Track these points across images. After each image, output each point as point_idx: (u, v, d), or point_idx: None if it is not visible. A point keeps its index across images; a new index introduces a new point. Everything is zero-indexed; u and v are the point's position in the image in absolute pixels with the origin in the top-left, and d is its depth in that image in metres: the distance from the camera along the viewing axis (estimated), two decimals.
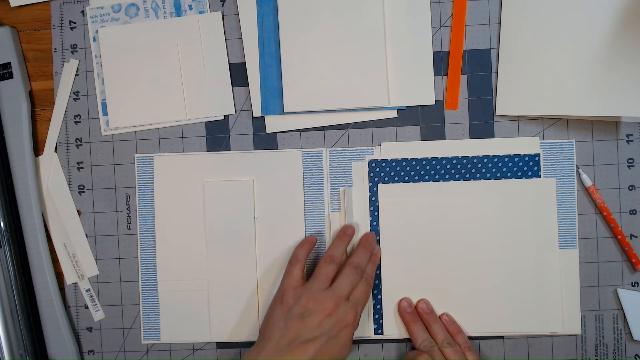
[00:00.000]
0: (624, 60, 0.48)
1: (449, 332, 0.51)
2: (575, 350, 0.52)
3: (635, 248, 0.52)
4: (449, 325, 0.51)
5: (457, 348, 0.49)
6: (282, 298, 0.48)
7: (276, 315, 0.47)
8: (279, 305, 0.48)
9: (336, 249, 0.50)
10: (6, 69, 0.53)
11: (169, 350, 0.54)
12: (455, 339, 0.50)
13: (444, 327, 0.51)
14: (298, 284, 0.49)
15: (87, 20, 0.54)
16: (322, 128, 0.53)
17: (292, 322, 0.46)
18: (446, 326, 0.51)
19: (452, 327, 0.51)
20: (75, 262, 0.55)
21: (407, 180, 0.52)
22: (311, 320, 0.46)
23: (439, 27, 0.52)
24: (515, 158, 0.52)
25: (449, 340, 0.50)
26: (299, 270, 0.49)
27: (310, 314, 0.46)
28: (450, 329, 0.51)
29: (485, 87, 0.52)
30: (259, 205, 0.53)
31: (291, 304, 0.47)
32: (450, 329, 0.51)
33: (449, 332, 0.51)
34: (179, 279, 0.54)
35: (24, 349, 0.52)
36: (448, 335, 0.50)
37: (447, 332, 0.51)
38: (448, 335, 0.50)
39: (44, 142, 0.55)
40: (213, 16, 0.53)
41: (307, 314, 0.46)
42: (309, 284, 0.48)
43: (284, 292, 0.48)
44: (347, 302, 0.47)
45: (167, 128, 0.54)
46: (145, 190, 0.54)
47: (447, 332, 0.51)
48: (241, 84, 0.54)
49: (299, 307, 0.46)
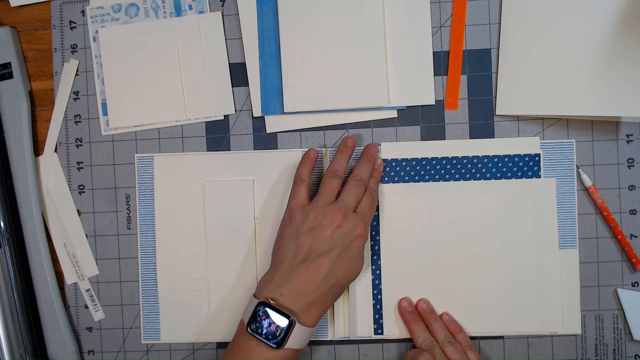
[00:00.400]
0: (624, 60, 0.48)
1: (449, 331, 0.51)
2: (575, 350, 0.52)
3: (635, 248, 0.52)
4: (449, 324, 0.51)
5: (458, 347, 0.49)
6: (291, 217, 0.48)
7: (287, 235, 0.48)
8: (288, 225, 0.48)
9: (338, 163, 0.50)
10: (6, 69, 0.53)
11: (169, 350, 0.54)
12: (456, 337, 0.50)
13: (445, 326, 0.51)
14: (304, 202, 0.49)
15: (87, 20, 0.54)
16: (322, 128, 0.53)
17: (303, 238, 0.46)
18: (447, 325, 0.51)
19: (453, 326, 0.51)
20: (75, 262, 0.55)
21: (407, 180, 0.52)
22: (322, 233, 0.46)
23: (439, 27, 0.52)
24: (515, 158, 0.52)
25: (450, 339, 0.50)
26: (304, 188, 0.49)
27: (320, 227, 0.46)
28: (450, 328, 0.51)
29: (485, 87, 0.52)
30: (259, 205, 0.53)
31: (300, 221, 0.47)
32: (451, 328, 0.51)
33: (449, 331, 0.51)
34: (179, 279, 0.54)
35: (24, 349, 0.52)
36: (449, 334, 0.50)
37: (447, 331, 0.51)
38: (449, 334, 0.50)
39: (44, 142, 0.55)
40: (213, 16, 0.53)
41: (317, 229, 0.46)
42: (315, 200, 0.48)
43: (291, 212, 0.48)
44: (355, 213, 0.47)
45: (167, 128, 0.54)
46: (145, 190, 0.54)
47: (447, 331, 0.51)
48: (241, 84, 0.54)
49: (308, 223, 0.47)
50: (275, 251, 0.49)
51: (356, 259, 0.47)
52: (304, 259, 0.46)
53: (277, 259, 0.47)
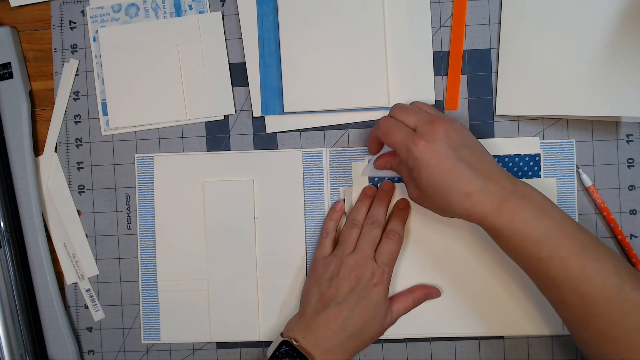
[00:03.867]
0: (624, 60, 0.48)
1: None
2: (575, 350, 0.52)
3: (635, 248, 0.52)
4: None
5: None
6: (315, 267, 0.50)
7: (310, 284, 0.50)
8: (311, 275, 0.50)
9: (357, 212, 0.51)
10: (6, 69, 0.53)
11: (169, 350, 0.54)
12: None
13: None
14: (328, 253, 0.50)
15: (87, 20, 0.54)
16: (322, 128, 0.53)
17: (324, 288, 0.48)
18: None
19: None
20: (75, 262, 0.55)
21: None
22: (341, 283, 0.47)
23: (439, 27, 0.52)
24: (515, 158, 0.52)
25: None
26: (329, 241, 0.51)
27: (339, 278, 0.48)
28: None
29: (485, 87, 0.52)
30: (259, 205, 0.53)
31: (321, 271, 0.49)
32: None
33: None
34: (179, 279, 0.54)
35: (24, 349, 0.52)
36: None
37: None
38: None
39: (44, 142, 0.55)
40: (213, 16, 0.53)
41: (337, 279, 0.48)
42: (336, 251, 0.50)
43: (315, 263, 0.51)
44: (373, 261, 0.48)
45: (167, 128, 0.54)
46: (145, 190, 0.54)
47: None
48: (241, 84, 0.54)
49: (328, 273, 0.49)
50: (302, 299, 0.51)
51: (375, 307, 0.48)
52: (324, 307, 0.47)
53: (303, 305, 0.50)
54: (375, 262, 0.48)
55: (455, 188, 0.42)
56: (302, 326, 0.48)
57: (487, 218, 0.42)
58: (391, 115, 0.47)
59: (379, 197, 0.51)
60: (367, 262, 0.48)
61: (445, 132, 0.43)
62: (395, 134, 0.44)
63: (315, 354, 0.46)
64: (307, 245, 0.53)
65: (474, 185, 0.42)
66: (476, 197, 0.42)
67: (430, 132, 0.43)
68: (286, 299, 0.53)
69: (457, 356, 0.53)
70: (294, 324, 0.49)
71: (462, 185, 0.42)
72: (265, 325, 0.53)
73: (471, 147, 0.44)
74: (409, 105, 0.48)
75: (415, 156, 0.43)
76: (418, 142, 0.43)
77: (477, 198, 0.42)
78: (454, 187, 0.42)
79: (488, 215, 0.42)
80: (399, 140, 0.44)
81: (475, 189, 0.42)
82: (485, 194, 0.42)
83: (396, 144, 0.44)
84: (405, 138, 0.44)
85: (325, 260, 0.50)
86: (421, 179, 0.43)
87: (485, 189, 0.42)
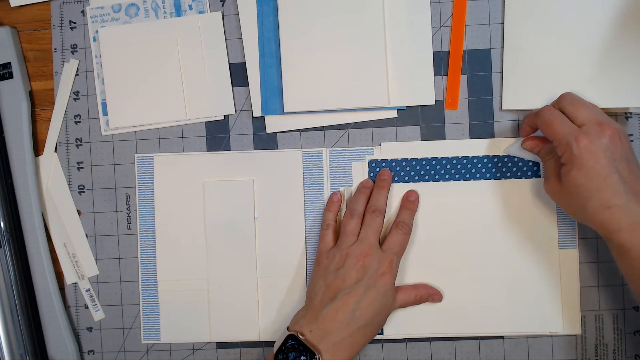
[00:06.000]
0: (631, 51, 0.49)
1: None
2: (575, 350, 0.52)
3: None
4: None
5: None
6: (319, 260, 0.50)
7: (316, 277, 0.49)
8: (316, 268, 0.50)
9: (356, 202, 0.51)
10: (6, 69, 0.53)
11: (169, 350, 0.54)
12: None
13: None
14: (331, 245, 0.50)
15: (87, 20, 0.54)
16: (322, 128, 0.53)
17: (330, 279, 0.48)
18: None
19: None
20: (75, 262, 0.55)
21: (407, 180, 0.52)
22: (347, 274, 0.47)
23: (439, 27, 0.52)
24: (515, 158, 0.52)
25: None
26: (331, 232, 0.51)
27: (345, 268, 0.47)
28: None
29: (486, 87, 0.52)
30: (259, 205, 0.53)
31: (327, 263, 0.49)
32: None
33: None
34: (179, 279, 0.54)
35: (24, 349, 0.52)
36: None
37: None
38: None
39: (44, 142, 0.55)
40: (213, 16, 0.53)
41: (343, 269, 0.47)
42: (339, 243, 0.49)
43: (319, 255, 0.50)
44: (380, 250, 0.48)
45: (167, 128, 0.54)
46: (145, 190, 0.54)
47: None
48: (241, 84, 0.54)
49: (334, 264, 0.48)
50: (308, 292, 0.50)
51: (383, 297, 0.47)
52: (331, 298, 0.47)
53: (309, 298, 0.49)
54: (382, 251, 0.48)
55: (600, 197, 0.41)
56: (309, 319, 0.47)
57: (618, 234, 0.41)
58: (559, 105, 0.45)
59: (378, 186, 0.51)
60: (373, 251, 0.48)
61: (611, 138, 0.42)
62: (557, 126, 0.43)
63: (322, 348, 0.45)
64: (307, 245, 0.53)
65: (619, 200, 0.41)
66: (616, 211, 0.41)
67: (596, 134, 0.42)
68: (286, 299, 0.53)
69: (457, 356, 0.53)
70: (300, 318, 0.48)
71: (607, 196, 0.41)
72: (265, 325, 0.53)
73: (629, 162, 0.43)
74: (579, 98, 0.46)
75: (574, 153, 0.42)
76: (581, 139, 0.42)
77: (616, 213, 0.41)
78: (598, 195, 0.41)
79: (620, 231, 0.41)
80: (561, 133, 0.43)
81: (618, 203, 0.41)
82: (626, 211, 0.41)
83: (557, 136, 0.43)
84: (568, 133, 0.42)
85: (329, 253, 0.49)
86: (570, 176, 0.42)
87: (627, 206, 0.41)
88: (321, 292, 0.48)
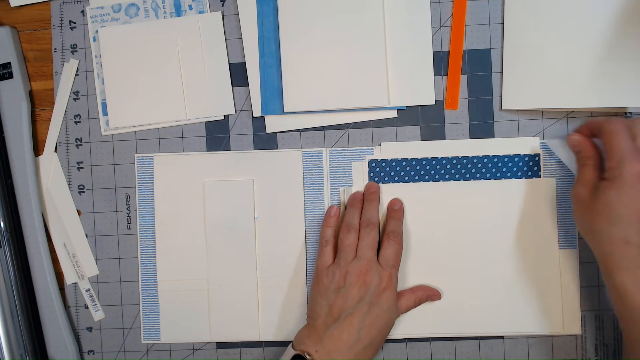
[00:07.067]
0: (628, 52, 0.49)
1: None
2: (575, 350, 0.52)
3: None
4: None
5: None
6: (318, 278, 0.49)
7: (316, 296, 0.49)
8: (316, 287, 0.49)
9: (351, 217, 0.50)
10: (6, 69, 0.53)
11: (169, 350, 0.54)
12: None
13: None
14: (330, 262, 0.50)
15: (87, 20, 0.54)
16: (322, 128, 0.53)
17: (332, 299, 0.47)
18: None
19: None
20: (75, 262, 0.55)
21: (407, 180, 0.52)
22: (349, 293, 0.47)
23: (439, 27, 0.52)
24: (515, 158, 0.52)
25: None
26: (330, 249, 0.50)
27: (346, 287, 0.47)
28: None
29: (486, 87, 0.52)
30: (259, 205, 0.53)
31: (327, 282, 0.48)
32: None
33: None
34: (179, 279, 0.54)
35: (24, 349, 0.52)
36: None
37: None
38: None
39: (44, 142, 0.55)
40: (213, 16, 0.53)
41: (344, 289, 0.47)
42: (338, 260, 0.49)
43: (319, 273, 0.49)
44: (377, 264, 0.48)
45: (167, 128, 0.54)
46: (145, 190, 0.54)
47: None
48: (241, 84, 0.54)
49: (335, 283, 0.48)
50: (309, 311, 0.50)
51: (387, 312, 0.47)
52: (335, 319, 0.47)
53: (312, 317, 0.49)
54: (380, 266, 0.48)
55: (625, 229, 0.40)
56: (314, 340, 0.47)
57: (622, 273, 0.40)
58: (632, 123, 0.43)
59: (368, 199, 0.51)
60: (372, 266, 0.47)
61: None
62: (619, 139, 0.42)
63: None
64: (307, 245, 0.53)
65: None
66: (632, 250, 0.40)
67: None
68: (286, 299, 0.53)
69: (457, 356, 0.53)
70: (304, 337, 0.48)
71: (633, 231, 0.40)
72: (265, 325, 0.53)
73: None
74: None
75: (622, 174, 0.40)
76: (635, 165, 0.40)
77: (631, 251, 0.40)
78: (625, 228, 0.40)
79: (626, 270, 0.40)
80: (619, 148, 0.41)
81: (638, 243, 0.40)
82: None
83: (613, 149, 0.42)
84: (625, 151, 0.41)
85: (329, 270, 0.49)
86: (605, 194, 0.41)
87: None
88: (324, 312, 0.47)
